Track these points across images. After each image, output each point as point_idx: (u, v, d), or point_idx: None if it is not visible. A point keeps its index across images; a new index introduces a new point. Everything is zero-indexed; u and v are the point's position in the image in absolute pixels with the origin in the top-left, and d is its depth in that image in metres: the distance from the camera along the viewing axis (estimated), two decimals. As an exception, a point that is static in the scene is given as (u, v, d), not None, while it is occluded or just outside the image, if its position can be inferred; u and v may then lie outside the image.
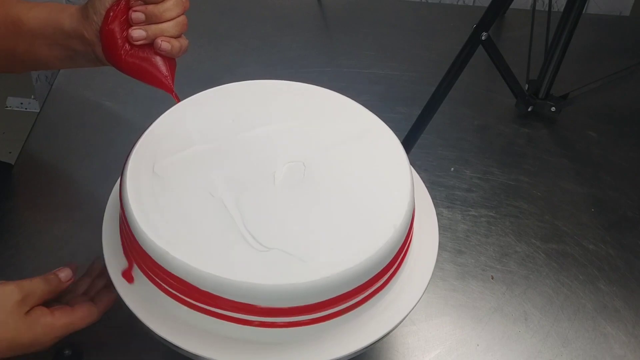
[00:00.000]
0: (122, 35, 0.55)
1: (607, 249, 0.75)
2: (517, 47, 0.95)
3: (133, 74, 0.56)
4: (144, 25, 0.55)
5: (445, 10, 1.14)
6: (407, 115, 0.87)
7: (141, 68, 0.55)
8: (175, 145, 0.55)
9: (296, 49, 1.02)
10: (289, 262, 0.48)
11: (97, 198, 0.61)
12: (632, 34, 1.10)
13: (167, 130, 0.57)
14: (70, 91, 0.92)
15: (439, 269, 0.71)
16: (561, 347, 0.66)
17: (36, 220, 0.74)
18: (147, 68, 0.55)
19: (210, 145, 0.55)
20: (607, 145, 0.88)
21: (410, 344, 0.65)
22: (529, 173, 0.83)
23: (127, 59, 0.55)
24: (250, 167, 0.54)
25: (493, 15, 0.75)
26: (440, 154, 0.85)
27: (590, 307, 0.69)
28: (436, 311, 0.68)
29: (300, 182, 0.53)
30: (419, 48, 1.04)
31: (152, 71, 0.55)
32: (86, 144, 0.84)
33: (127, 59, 0.55)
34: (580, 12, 0.82)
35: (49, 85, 0.96)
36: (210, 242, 0.49)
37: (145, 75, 0.55)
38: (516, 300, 0.69)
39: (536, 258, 0.73)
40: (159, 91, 0.58)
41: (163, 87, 0.57)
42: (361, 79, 0.97)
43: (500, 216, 0.78)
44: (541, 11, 1.01)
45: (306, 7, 1.11)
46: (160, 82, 0.56)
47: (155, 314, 0.51)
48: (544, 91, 0.89)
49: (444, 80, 0.77)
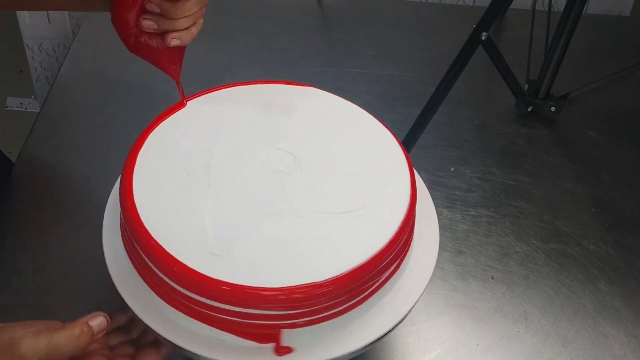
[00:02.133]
0: (134, 20, 0.54)
1: (607, 249, 0.75)
2: (517, 47, 0.95)
3: (141, 56, 0.56)
4: (156, 17, 0.54)
5: (445, 10, 1.14)
6: (407, 115, 0.87)
7: (149, 53, 0.54)
8: (175, 146, 0.55)
9: (296, 49, 1.02)
10: (288, 262, 0.48)
11: (97, 198, 0.60)
12: (632, 34, 1.10)
13: (167, 130, 0.57)
14: (70, 91, 0.92)
15: (439, 269, 0.71)
16: (561, 347, 0.66)
17: (36, 220, 0.74)
18: (155, 55, 0.55)
19: (211, 146, 0.56)
20: (607, 145, 0.88)
21: (410, 344, 0.65)
22: (529, 173, 0.83)
23: (136, 43, 0.54)
24: (251, 172, 0.54)
25: (493, 15, 0.75)
26: (440, 154, 0.85)
27: (590, 307, 0.69)
28: (436, 311, 0.68)
29: (300, 182, 0.53)
30: (419, 48, 1.04)
31: (159, 59, 0.55)
32: (86, 144, 0.84)
33: (137, 44, 0.54)
34: (580, 12, 0.82)
35: (49, 85, 0.96)
36: (208, 244, 0.49)
37: (153, 60, 0.55)
38: (516, 300, 0.69)
39: (536, 258, 0.73)
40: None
41: (169, 74, 0.57)
42: (361, 79, 0.97)
43: (500, 216, 0.78)
44: (541, 11, 1.01)
45: (306, 7, 1.11)
46: (167, 69, 0.56)
47: (155, 313, 0.51)
48: (544, 91, 0.89)
49: (444, 80, 0.77)
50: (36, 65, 1.28)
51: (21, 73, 1.72)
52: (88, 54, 0.99)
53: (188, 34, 0.54)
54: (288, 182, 0.53)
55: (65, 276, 0.68)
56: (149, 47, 0.54)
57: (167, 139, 0.56)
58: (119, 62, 0.96)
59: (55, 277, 0.68)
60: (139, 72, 0.95)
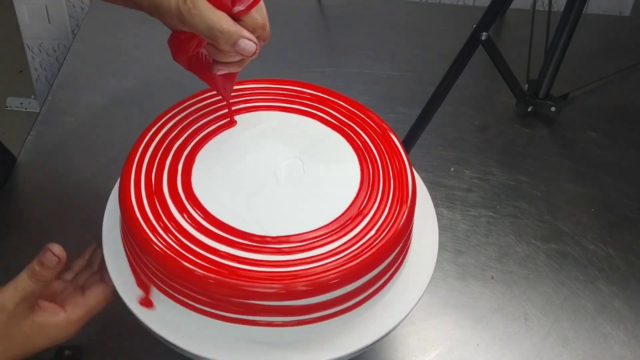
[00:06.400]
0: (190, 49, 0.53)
1: (607, 249, 0.75)
2: (517, 47, 0.95)
3: (194, 73, 0.55)
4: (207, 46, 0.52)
5: (445, 10, 1.14)
6: (407, 115, 0.87)
7: (200, 74, 0.54)
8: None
9: (296, 49, 1.02)
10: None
11: (97, 198, 0.61)
12: (632, 34, 1.10)
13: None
14: (70, 91, 0.92)
15: (439, 269, 0.71)
16: (561, 347, 0.66)
17: (36, 219, 0.74)
18: (205, 76, 0.55)
19: (211, 147, 0.56)
20: (607, 145, 0.88)
21: (410, 344, 0.65)
22: (529, 173, 0.83)
23: (190, 64, 0.54)
24: (252, 169, 0.54)
25: (493, 15, 0.75)
26: (440, 154, 0.85)
27: (590, 307, 0.69)
28: (436, 311, 0.68)
29: (299, 182, 0.53)
30: (419, 48, 1.04)
31: (210, 81, 0.55)
32: (86, 144, 0.84)
33: (190, 66, 0.54)
34: (580, 12, 0.82)
35: (49, 85, 0.96)
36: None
37: (205, 80, 0.55)
38: (516, 300, 0.69)
39: (536, 258, 0.73)
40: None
41: (220, 95, 0.57)
42: (361, 79, 0.97)
43: (500, 216, 0.78)
44: (541, 11, 1.01)
45: (306, 7, 1.11)
46: (218, 90, 0.56)
47: (155, 313, 0.51)
48: (544, 91, 0.89)
49: (444, 80, 0.77)
50: (36, 65, 1.28)
51: (21, 73, 1.72)
52: (88, 54, 0.99)
53: (236, 65, 0.53)
54: (290, 192, 0.53)
55: (65, 276, 0.68)
56: (201, 68, 0.54)
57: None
58: (119, 62, 0.96)
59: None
60: (139, 72, 0.95)
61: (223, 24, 0.47)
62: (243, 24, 0.49)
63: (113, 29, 1.02)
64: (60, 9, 1.18)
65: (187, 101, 0.60)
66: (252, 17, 0.49)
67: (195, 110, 0.59)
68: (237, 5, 0.48)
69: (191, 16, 0.47)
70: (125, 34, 1.01)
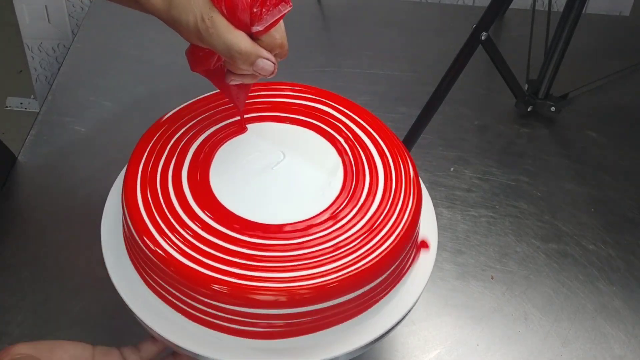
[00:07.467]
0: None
1: (607, 249, 0.75)
2: (517, 47, 0.95)
3: (210, 80, 0.55)
4: None
5: (445, 10, 1.14)
6: (407, 115, 0.87)
7: (215, 81, 0.54)
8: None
9: (296, 49, 1.01)
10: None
11: (97, 198, 0.60)
12: (632, 34, 1.10)
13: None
14: (70, 91, 0.92)
15: (439, 269, 0.71)
16: (561, 347, 0.66)
17: (36, 220, 0.74)
18: (220, 84, 0.55)
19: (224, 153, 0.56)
20: (607, 145, 0.88)
21: (410, 344, 0.65)
22: (529, 173, 0.83)
23: (207, 72, 0.54)
24: (248, 166, 0.54)
25: (493, 15, 0.75)
26: (440, 154, 0.85)
27: (590, 307, 0.69)
28: (436, 311, 0.68)
29: (299, 182, 0.53)
30: (419, 48, 1.04)
31: (223, 89, 0.55)
32: (86, 144, 0.84)
33: (208, 73, 0.54)
34: (580, 12, 0.82)
35: (49, 85, 0.96)
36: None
37: (218, 87, 0.55)
38: (516, 300, 0.69)
39: (536, 258, 0.73)
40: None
41: (232, 103, 0.57)
42: (361, 79, 0.97)
43: (500, 216, 0.78)
44: (541, 11, 1.01)
45: (306, 7, 1.11)
46: (231, 99, 0.56)
47: (155, 313, 0.51)
48: (544, 91, 0.89)
49: (444, 80, 0.77)
50: (36, 65, 1.28)
51: (21, 73, 1.72)
52: (88, 54, 0.99)
53: (250, 77, 0.52)
54: (288, 182, 0.53)
55: (65, 276, 0.68)
56: (215, 78, 0.54)
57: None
58: (119, 62, 0.96)
59: (55, 277, 0.68)
60: (138, 72, 0.95)
61: (242, 45, 0.47)
62: (261, 43, 0.48)
63: (113, 29, 1.03)
64: (60, 9, 1.18)
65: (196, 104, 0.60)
66: (271, 37, 0.49)
67: (203, 112, 0.59)
68: (256, 25, 0.48)
69: (209, 35, 0.46)
70: (125, 34, 1.01)
